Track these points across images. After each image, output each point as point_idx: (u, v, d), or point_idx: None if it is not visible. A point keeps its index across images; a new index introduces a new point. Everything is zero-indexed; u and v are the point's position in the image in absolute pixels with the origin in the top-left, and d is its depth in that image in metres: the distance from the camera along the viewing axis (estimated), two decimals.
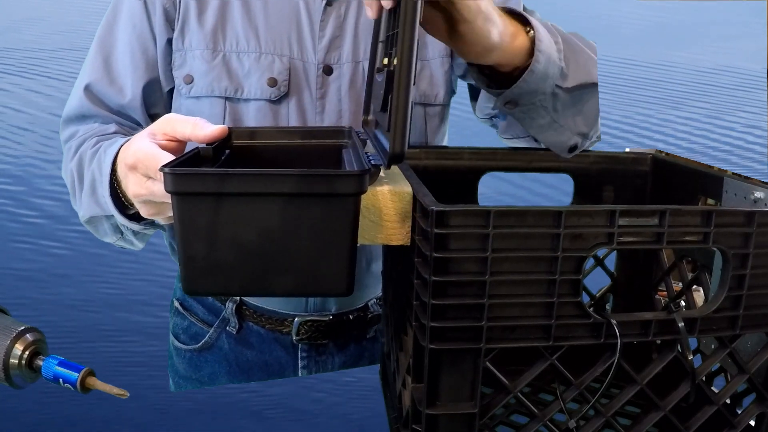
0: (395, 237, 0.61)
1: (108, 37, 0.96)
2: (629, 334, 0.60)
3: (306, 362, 1.04)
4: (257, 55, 0.92)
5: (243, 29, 0.92)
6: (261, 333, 1.04)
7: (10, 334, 0.61)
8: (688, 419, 0.64)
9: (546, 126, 0.84)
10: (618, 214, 0.56)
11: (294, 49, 0.93)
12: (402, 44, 0.55)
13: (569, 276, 0.57)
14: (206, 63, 0.92)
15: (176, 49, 0.93)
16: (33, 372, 0.62)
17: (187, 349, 1.09)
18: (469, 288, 0.55)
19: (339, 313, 1.03)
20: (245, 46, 0.92)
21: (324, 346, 1.04)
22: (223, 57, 0.92)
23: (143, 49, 0.94)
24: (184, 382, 1.11)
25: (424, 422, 0.59)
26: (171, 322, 1.13)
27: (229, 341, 1.06)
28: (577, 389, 0.61)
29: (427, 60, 0.98)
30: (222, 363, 1.07)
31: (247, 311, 1.04)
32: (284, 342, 1.04)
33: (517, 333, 0.57)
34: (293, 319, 1.02)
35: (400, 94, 0.55)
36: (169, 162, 0.57)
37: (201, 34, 0.92)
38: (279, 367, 1.05)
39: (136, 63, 0.94)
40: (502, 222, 0.55)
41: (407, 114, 0.56)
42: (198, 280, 0.55)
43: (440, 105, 1.00)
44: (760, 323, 0.63)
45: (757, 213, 0.59)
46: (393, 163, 0.57)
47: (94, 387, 0.61)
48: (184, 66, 0.93)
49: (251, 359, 1.06)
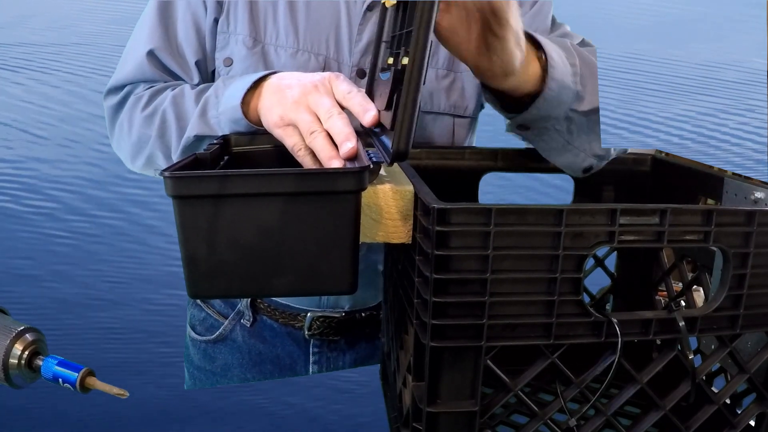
0: (396, 235, 0.61)
1: (166, 9, 0.96)
2: (630, 333, 0.60)
3: (317, 357, 1.06)
4: (294, 51, 0.93)
5: (284, 24, 0.93)
6: (274, 327, 1.06)
7: (9, 334, 0.61)
8: (688, 419, 0.64)
9: (559, 149, 0.83)
10: (619, 212, 0.57)
11: (330, 50, 0.94)
12: (416, 44, 0.55)
13: (570, 274, 0.57)
14: (247, 49, 0.92)
15: (221, 31, 0.94)
16: (32, 372, 0.62)
17: (202, 340, 1.11)
18: (470, 286, 0.56)
19: (352, 311, 1.04)
20: (284, 40, 0.93)
21: (335, 342, 1.05)
22: (262, 48, 0.93)
23: (196, 27, 0.95)
24: (199, 373, 1.13)
25: (424, 420, 0.59)
26: (188, 313, 1.15)
27: (243, 334, 1.08)
28: (577, 388, 0.61)
29: (459, 72, 0.98)
30: (235, 355, 1.08)
31: (262, 305, 1.05)
32: (296, 337, 1.05)
33: (517, 331, 0.57)
34: (306, 314, 1.03)
35: (409, 93, 0.55)
36: (169, 167, 0.57)
37: (246, 20, 0.93)
38: (290, 362, 1.06)
39: (190, 39, 0.95)
40: (503, 220, 0.55)
41: (414, 113, 0.56)
42: (201, 283, 0.55)
43: (469, 117, 1.00)
44: (760, 323, 0.63)
45: (757, 212, 0.59)
46: (396, 161, 0.57)
47: (94, 387, 0.61)
48: (226, 48, 0.94)
49: (263, 352, 1.07)
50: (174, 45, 0.95)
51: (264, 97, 0.74)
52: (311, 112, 0.68)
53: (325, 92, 0.69)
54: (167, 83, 0.94)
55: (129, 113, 0.93)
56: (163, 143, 0.88)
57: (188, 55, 0.95)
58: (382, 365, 0.88)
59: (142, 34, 0.96)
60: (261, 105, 0.74)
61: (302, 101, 0.69)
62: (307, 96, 0.69)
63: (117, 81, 0.96)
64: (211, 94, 0.83)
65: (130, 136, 0.92)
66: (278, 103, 0.71)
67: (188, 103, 0.86)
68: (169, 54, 0.95)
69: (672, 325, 0.60)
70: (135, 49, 0.96)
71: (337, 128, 0.65)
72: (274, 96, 0.73)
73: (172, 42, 0.95)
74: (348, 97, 0.67)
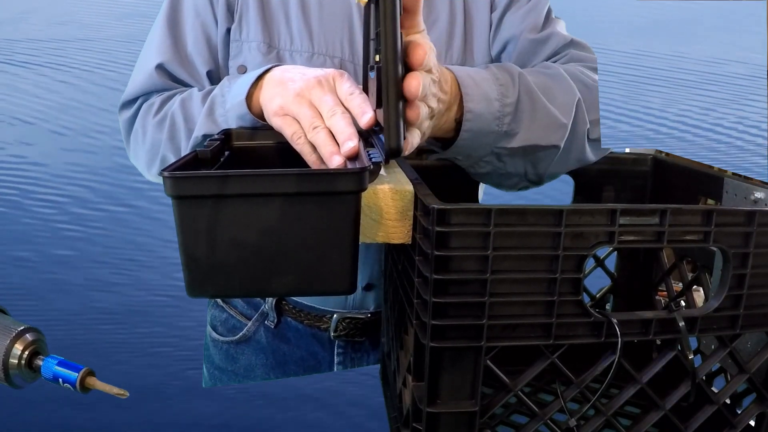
0: (396, 235, 0.61)
1: (175, 22, 0.96)
2: (630, 333, 0.60)
3: (342, 358, 1.06)
4: (309, 54, 0.93)
5: (297, 28, 0.93)
6: (299, 328, 1.06)
7: (9, 333, 0.61)
8: (688, 419, 0.64)
9: (490, 173, 0.84)
10: (619, 213, 0.57)
11: (345, 51, 0.94)
12: (385, 40, 0.55)
13: (570, 275, 0.57)
14: (261, 56, 0.92)
15: (233, 39, 0.94)
16: (32, 372, 0.62)
17: (224, 341, 1.11)
18: (470, 286, 0.56)
19: (377, 312, 1.04)
20: (299, 45, 0.93)
21: (360, 343, 1.05)
22: (277, 53, 0.93)
23: (206, 37, 0.95)
24: (219, 373, 1.13)
25: (424, 421, 0.59)
26: (209, 314, 1.15)
27: (266, 335, 1.07)
28: (577, 388, 0.61)
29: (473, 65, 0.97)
30: (259, 356, 1.08)
31: (287, 306, 1.05)
32: (321, 338, 1.05)
33: (517, 331, 0.57)
34: (332, 315, 1.03)
35: (389, 89, 0.56)
36: (168, 166, 0.57)
37: (259, 27, 0.93)
38: (315, 362, 1.06)
39: (200, 50, 0.95)
40: (503, 220, 0.55)
41: (398, 108, 0.56)
42: (201, 283, 0.55)
43: None
44: (760, 322, 0.63)
45: (757, 212, 0.59)
46: (391, 158, 0.57)
47: (94, 387, 0.61)
48: (240, 56, 0.94)
49: (287, 353, 1.07)
50: (184, 56, 0.95)
51: (265, 89, 0.74)
52: (313, 107, 0.68)
53: (329, 89, 0.68)
54: (179, 89, 0.94)
55: (142, 121, 0.93)
56: (173, 145, 0.88)
57: (199, 65, 0.94)
58: (382, 365, 0.88)
59: (151, 48, 0.96)
60: (262, 95, 0.74)
61: (305, 95, 0.69)
62: (310, 90, 0.69)
63: (129, 95, 0.96)
64: (217, 93, 0.83)
65: (144, 143, 0.92)
66: (279, 94, 0.71)
67: (195, 104, 0.86)
68: (179, 66, 0.94)
69: (672, 325, 0.60)
70: (145, 63, 0.95)
71: (339, 127, 0.65)
72: (276, 87, 0.72)
73: (182, 54, 0.95)
74: (350, 98, 0.67)
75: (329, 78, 0.69)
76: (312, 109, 0.68)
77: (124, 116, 0.96)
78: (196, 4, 0.94)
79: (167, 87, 0.94)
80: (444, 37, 0.96)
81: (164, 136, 0.88)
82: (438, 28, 0.96)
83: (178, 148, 0.88)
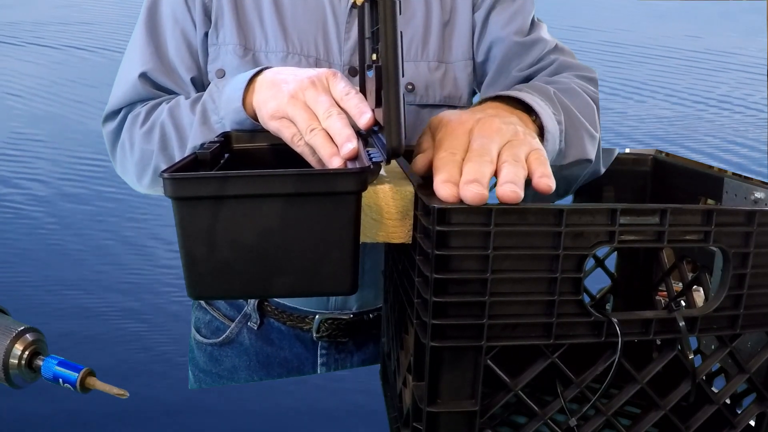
0: (396, 235, 0.61)
1: (154, 30, 0.95)
2: (630, 333, 0.60)
3: (325, 359, 1.06)
4: (284, 54, 0.93)
5: (272, 29, 0.93)
6: (282, 329, 1.06)
7: (9, 334, 0.61)
8: (688, 419, 0.64)
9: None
10: (619, 212, 0.57)
11: (320, 51, 0.94)
12: (384, 39, 0.55)
13: (570, 274, 0.57)
14: (238, 58, 0.92)
15: (211, 43, 0.94)
16: (33, 372, 0.62)
17: (208, 343, 1.11)
18: (470, 286, 0.55)
19: (359, 312, 1.04)
20: (273, 45, 0.93)
21: (344, 344, 1.05)
22: (252, 55, 0.93)
23: (187, 43, 0.94)
24: (204, 375, 1.12)
25: (424, 420, 0.59)
26: (193, 316, 1.15)
27: (250, 336, 1.07)
28: (577, 388, 0.61)
29: (451, 63, 0.98)
30: (242, 357, 1.08)
31: (269, 307, 1.05)
32: (304, 339, 1.05)
33: (518, 331, 0.57)
34: (314, 316, 1.03)
35: (389, 89, 0.55)
36: (168, 167, 0.57)
37: (234, 30, 0.92)
38: (298, 364, 1.06)
39: (182, 57, 0.94)
40: (504, 220, 0.55)
41: (399, 108, 0.56)
42: (202, 284, 0.55)
43: (463, 106, 1.00)
44: (760, 322, 0.63)
45: (757, 212, 0.59)
46: (392, 158, 0.57)
47: (94, 387, 0.61)
48: (218, 60, 0.94)
49: (271, 355, 1.07)
50: (167, 64, 0.94)
51: (259, 92, 0.73)
52: (308, 108, 0.67)
53: (323, 90, 0.67)
54: (163, 98, 0.93)
55: (129, 132, 0.92)
56: (166, 155, 0.87)
57: (182, 72, 0.94)
58: (382, 365, 0.88)
59: (133, 57, 0.95)
60: (256, 99, 0.73)
61: (299, 96, 0.67)
62: (303, 91, 0.67)
63: (113, 106, 0.95)
64: (208, 100, 0.82)
65: (133, 154, 0.91)
66: (273, 97, 0.70)
67: (185, 113, 0.85)
68: (163, 74, 0.94)
69: (672, 325, 0.60)
70: (127, 72, 0.95)
71: (336, 128, 0.64)
72: (269, 90, 0.71)
73: (165, 62, 0.94)
74: (345, 99, 0.66)
75: (322, 78, 0.68)
76: (307, 111, 0.67)
77: (108, 128, 0.95)
78: (174, 11, 0.94)
79: (151, 96, 0.94)
80: (420, 31, 0.97)
81: (155, 147, 0.87)
82: (413, 24, 0.97)
83: (172, 159, 0.87)
